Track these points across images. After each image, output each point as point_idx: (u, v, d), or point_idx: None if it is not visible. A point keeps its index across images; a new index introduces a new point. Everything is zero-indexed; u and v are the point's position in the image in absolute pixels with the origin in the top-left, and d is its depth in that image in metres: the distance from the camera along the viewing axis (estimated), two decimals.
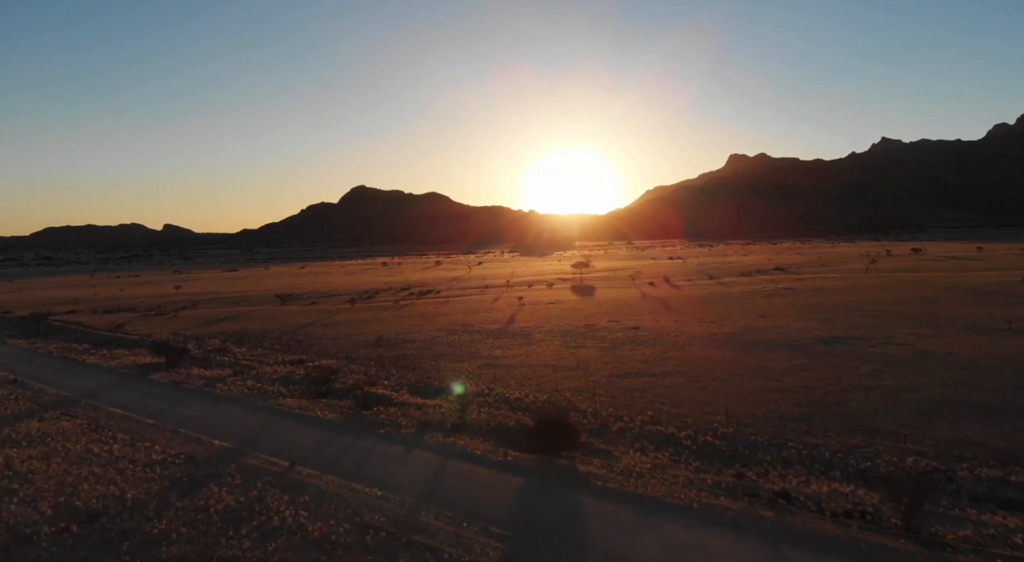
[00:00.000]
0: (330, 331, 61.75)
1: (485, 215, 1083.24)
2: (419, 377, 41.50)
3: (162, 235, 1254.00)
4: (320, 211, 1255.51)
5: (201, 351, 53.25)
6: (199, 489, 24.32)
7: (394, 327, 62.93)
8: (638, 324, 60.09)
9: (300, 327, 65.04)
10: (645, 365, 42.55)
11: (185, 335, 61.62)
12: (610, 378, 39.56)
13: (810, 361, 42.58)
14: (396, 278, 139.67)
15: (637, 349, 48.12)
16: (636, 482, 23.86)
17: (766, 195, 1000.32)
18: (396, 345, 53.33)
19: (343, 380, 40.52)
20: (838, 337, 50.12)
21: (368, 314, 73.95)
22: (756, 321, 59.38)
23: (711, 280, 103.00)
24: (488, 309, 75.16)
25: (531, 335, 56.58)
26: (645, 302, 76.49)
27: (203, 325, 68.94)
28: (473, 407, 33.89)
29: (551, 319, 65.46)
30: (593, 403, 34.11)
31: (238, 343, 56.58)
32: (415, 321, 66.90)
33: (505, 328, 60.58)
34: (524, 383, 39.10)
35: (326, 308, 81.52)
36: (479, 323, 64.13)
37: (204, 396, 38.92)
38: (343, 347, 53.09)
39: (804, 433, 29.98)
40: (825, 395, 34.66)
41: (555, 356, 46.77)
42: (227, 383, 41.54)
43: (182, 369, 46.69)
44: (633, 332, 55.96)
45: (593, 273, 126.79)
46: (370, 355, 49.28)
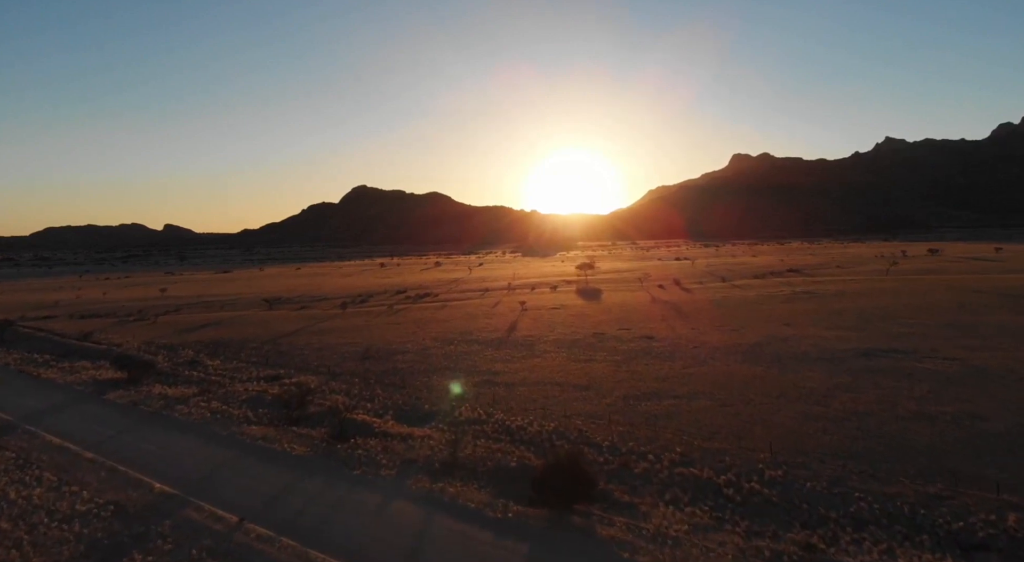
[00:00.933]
0: (315, 340, 56.80)
1: (487, 215, 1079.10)
2: (407, 398, 36.50)
3: (163, 235, 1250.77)
4: (321, 211, 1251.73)
5: (170, 364, 48.31)
6: (117, 559, 19.41)
7: (385, 336, 57.97)
8: (651, 333, 55.05)
9: (284, 335, 60.13)
10: (665, 384, 37.53)
11: (158, 345, 56.73)
12: (626, 400, 34.54)
13: (853, 379, 37.55)
14: (393, 280, 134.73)
15: (653, 363, 43.12)
16: (673, 554, 18.62)
17: (769, 195, 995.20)
18: (386, 357, 48.36)
19: (321, 401, 35.52)
20: (877, 349, 45.06)
21: (359, 320, 69.01)
22: (781, 329, 54.32)
23: (723, 283, 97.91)
24: (488, 315, 70.19)
25: (534, 346, 51.57)
26: (656, 307, 71.45)
27: (181, 332, 64.04)
28: (468, 438, 28.90)
29: (556, 327, 60.46)
30: (609, 434, 29.08)
31: (212, 354, 51.62)
32: (409, 329, 61.93)
33: (506, 337, 55.60)
34: (528, 406, 34.11)
35: (315, 313, 76.59)
36: (478, 331, 59.16)
37: (160, 421, 33.94)
38: (327, 359, 48.15)
39: (869, 477, 24.87)
40: (881, 424, 29.63)
41: (562, 371, 41.81)
42: (190, 405, 36.55)
43: (144, 386, 41.73)
44: (646, 342, 50.95)
45: (598, 275, 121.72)
46: (355, 369, 44.32)
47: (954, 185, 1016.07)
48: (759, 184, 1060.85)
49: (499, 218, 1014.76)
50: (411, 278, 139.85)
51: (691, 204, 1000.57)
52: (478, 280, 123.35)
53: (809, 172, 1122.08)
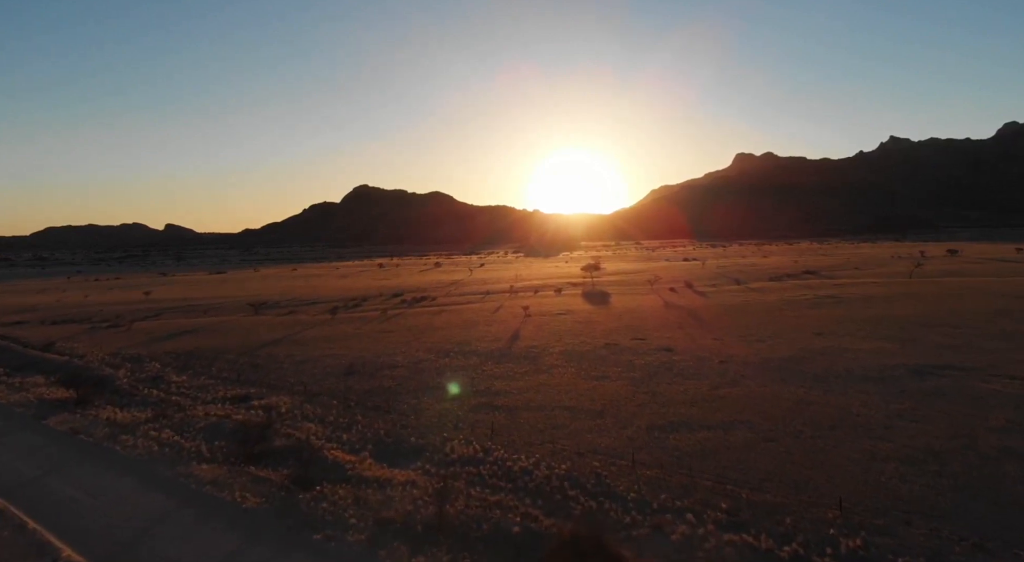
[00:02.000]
0: (297, 351, 51.61)
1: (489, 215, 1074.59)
2: (391, 426, 31.23)
3: (163, 235, 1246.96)
4: (323, 211, 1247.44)
5: (130, 381, 43.14)
6: None
7: (375, 346, 52.75)
8: (669, 344, 49.76)
9: (264, 345, 54.95)
10: (694, 410, 32.23)
11: (124, 356, 51.57)
12: (650, 432, 29.25)
13: (913, 404, 32.28)
14: (390, 282, 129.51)
15: (677, 382, 37.84)
16: None
17: (773, 194, 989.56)
18: (372, 373, 43.13)
19: (290, 430, 30.41)
20: (930, 366, 39.73)
21: (348, 327, 63.82)
22: (813, 340, 49.01)
23: (739, 285, 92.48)
24: (488, 321, 64.97)
25: (539, 358, 46.33)
26: (671, 313, 66.15)
27: (153, 342, 58.90)
28: (460, 484, 23.69)
29: (563, 336, 55.21)
30: (635, 481, 23.80)
31: (181, 369, 46.45)
32: (401, 338, 56.70)
33: (508, 348, 50.38)
34: (533, 439, 28.78)
35: (303, 319, 71.41)
36: (477, 341, 53.94)
37: (98, 456, 28.77)
38: (307, 375, 42.94)
39: (975, 549, 19.55)
40: (968, 469, 24.25)
41: (572, 391, 36.55)
42: (138, 434, 31.33)
43: (93, 408, 36.53)
44: (666, 355, 45.67)
45: (605, 277, 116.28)
46: (336, 388, 39.13)
47: (959, 185, 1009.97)
48: (762, 184, 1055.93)
49: (501, 218, 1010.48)
50: (409, 280, 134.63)
51: (694, 204, 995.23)
52: (479, 282, 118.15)
53: (813, 172, 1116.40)
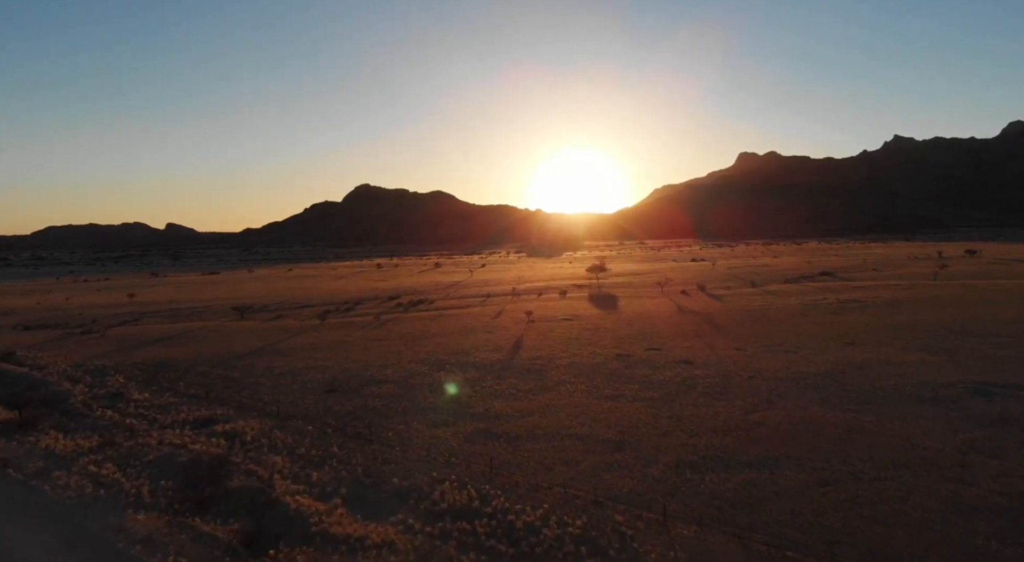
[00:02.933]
0: (278, 363, 46.99)
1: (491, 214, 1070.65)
2: (372, 461, 26.50)
3: (164, 235, 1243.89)
4: (324, 210, 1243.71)
5: (87, 398, 38.56)
6: None
7: (364, 356, 48.10)
8: (688, 355, 45.05)
9: (243, 355, 50.35)
10: (729, 439, 27.43)
11: (88, 368, 46.98)
12: (680, 470, 24.43)
13: (985, 433, 27.49)
14: (387, 284, 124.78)
15: (704, 403, 33.09)
16: None
17: (776, 194, 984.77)
18: (357, 389, 38.53)
19: (252, 466, 25.77)
20: (989, 383, 34.99)
21: (337, 334, 59.18)
22: (847, 351, 44.27)
23: (754, 288, 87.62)
24: (489, 328, 60.31)
25: (545, 372, 41.70)
26: (685, 319, 61.42)
27: (124, 350, 54.32)
28: (450, 548, 19.12)
29: (569, 345, 50.53)
30: (671, 545, 19.00)
31: (146, 383, 41.86)
32: (393, 347, 52.05)
33: (510, 359, 45.74)
34: (540, 478, 23.94)
35: (289, 325, 66.80)
36: (476, 350, 49.29)
37: (20, 500, 24.12)
38: (284, 392, 38.34)
39: None
40: None
41: (583, 416, 31.77)
42: (74, 469, 26.67)
43: (36, 433, 31.90)
44: (686, 369, 40.98)
45: (611, 278, 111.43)
46: (314, 409, 34.53)
47: (964, 184, 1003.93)
48: (766, 183, 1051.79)
49: (503, 217, 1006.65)
50: (407, 281, 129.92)
51: (697, 203, 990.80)
52: (479, 284, 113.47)
53: (816, 171, 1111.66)
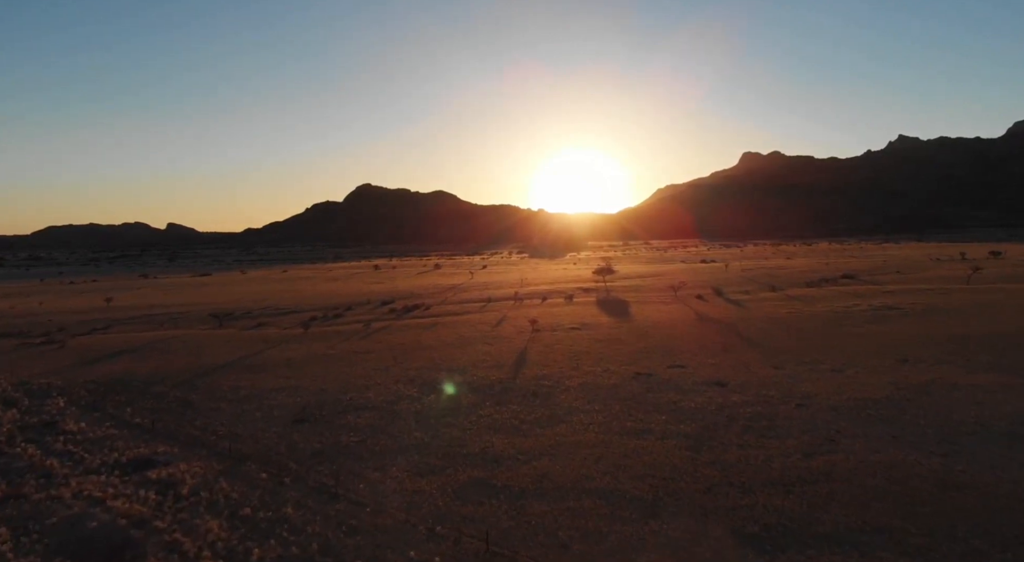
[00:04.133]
0: (247, 382, 41.12)
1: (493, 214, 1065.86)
2: (333, 530, 19.82)
3: (165, 234, 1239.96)
4: (325, 210, 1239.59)
5: (13, 428, 32.64)
6: None
7: (345, 374, 42.13)
8: (719, 374, 38.98)
9: (209, 371, 44.51)
10: (792, 500, 20.53)
11: (30, 388, 40.99)
12: (738, 551, 17.80)
13: None
14: (383, 286, 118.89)
15: (751, 442, 26.38)
16: None
17: (781, 194, 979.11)
18: (330, 419, 32.49)
19: (174, 536, 19.74)
20: None
21: (320, 346, 53.24)
22: (902, 371, 38.11)
23: (774, 292, 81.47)
24: (488, 338, 54.37)
25: (553, 395, 35.67)
26: (707, 329, 55.37)
27: (81, 365, 48.43)
28: None
29: (580, 359, 44.56)
30: None
31: (89, 408, 35.90)
32: (380, 361, 46.10)
33: (512, 378, 39.77)
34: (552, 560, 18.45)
35: (270, 334, 60.92)
36: (473, 367, 43.35)
37: None
38: (244, 422, 32.31)
39: None
40: None
41: (604, 458, 25.17)
42: None
43: None
44: (720, 393, 34.82)
45: (619, 281, 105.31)
46: (275, 447, 28.51)
47: (970, 184, 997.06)
48: (769, 183, 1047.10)
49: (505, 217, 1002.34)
50: (404, 283, 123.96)
51: (701, 203, 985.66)
52: (480, 287, 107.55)
53: (820, 171, 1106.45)
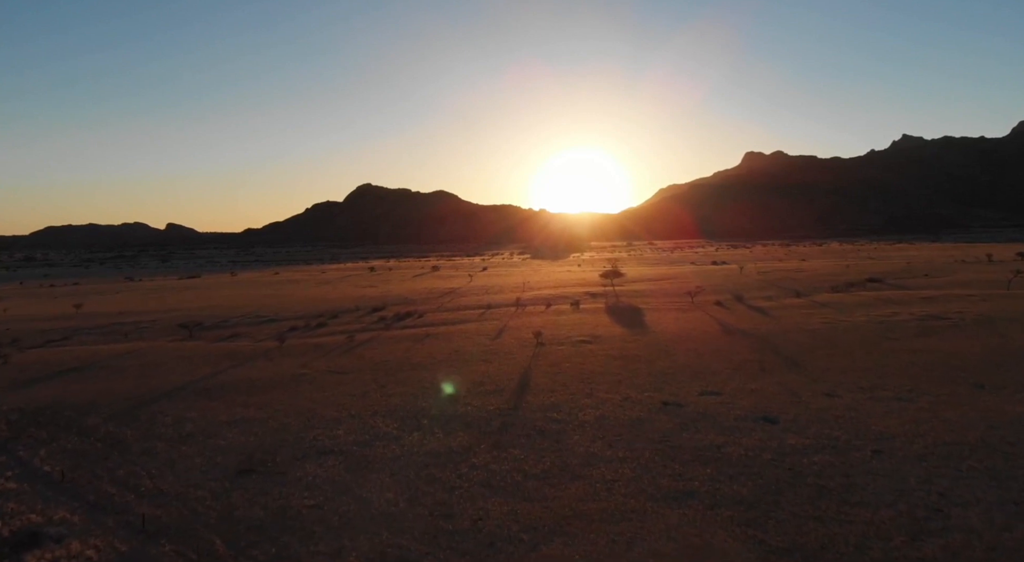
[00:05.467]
0: (196, 411, 34.56)
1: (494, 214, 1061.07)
2: None
3: (165, 234, 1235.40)
4: (325, 210, 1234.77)
5: None
6: None
7: (315, 403, 35.41)
8: (766, 406, 31.93)
9: (158, 397, 38.01)
10: None
11: None
12: None
13: None
14: (376, 290, 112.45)
15: (830, 513, 19.25)
16: None
17: (784, 193, 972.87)
18: (285, 468, 25.60)
19: None
20: None
21: (292, 363, 46.64)
22: (983, 400, 31.24)
23: (800, 299, 74.76)
24: (487, 354, 47.76)
25: (565, 435, 28.15)
26: (737, 343, 48.67)
27: (16, 387, 41.68)
28: None
29: (594, 383, 37.93)
30: None
31: None
32: (359, 385, 39.44)
33: (513, 409, 33.10)
34: None
35: (240, 348, 54.36)
36: (468, 392, 36.67)
37: None
38: (176, 472, 25.52)
39: None
40: None
41: (637, 542, 18.16)
42: None
43: None
44: (772, 433, 27.23)
45: (628, 284, 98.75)
46: (205, 514, 21.79)
47: (976, 183, 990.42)
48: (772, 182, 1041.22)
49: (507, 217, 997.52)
50: (398, 287, 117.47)
51: (703, 203, 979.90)
52: (479, 291, 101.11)
53: (824, 170, 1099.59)
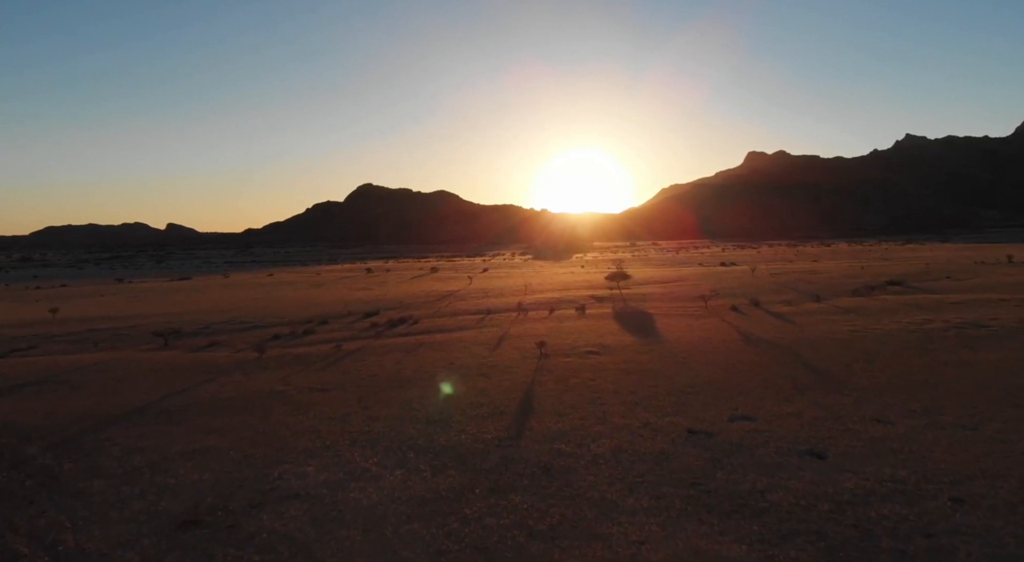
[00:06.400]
0: (150, 439, 29.92)
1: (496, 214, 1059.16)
2: None
3: (165, 234, 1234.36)
4: (326, 210, 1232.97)
5: None
6: None
7: (285, 429, 30.37)
8: (807, 434, 25.71)
9: (112, 419, 33.50)
10: None
11: None
12: None
13: None
14: (370, 293, 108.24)
15: None
16: None
17: (787, 193, 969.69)
18: (236, 521, 19.89)
19: None
20: None
21: (269, 379, 42.06)
22: None
23: (820, 303, 70.27)
24: (485, 367, 43.08)
25: (575, 474, 21.97)
26: (761, 355, 43.95)
27: None
28: None
29: (606, 404, 32.38)
30: None
31: None
32: (340, 406, 34.67)
33: (515, 438, 27.03)
34: None
35: (215, 359, 49.95)
36: (462, 416, 31.68)
37: None
38: (107, 523, 20.05)
39: None
40: None
41: None
42: None
43: None
44: (821, 471, 22.46)
45: (636, 287, 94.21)
46: None
47: (979, 183, 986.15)
48: (775, 182, 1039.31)
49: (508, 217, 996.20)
50: (395, 290, 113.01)
51: (705, 203, 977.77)
52: (479, 294, 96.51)
53: (827, 170, 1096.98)
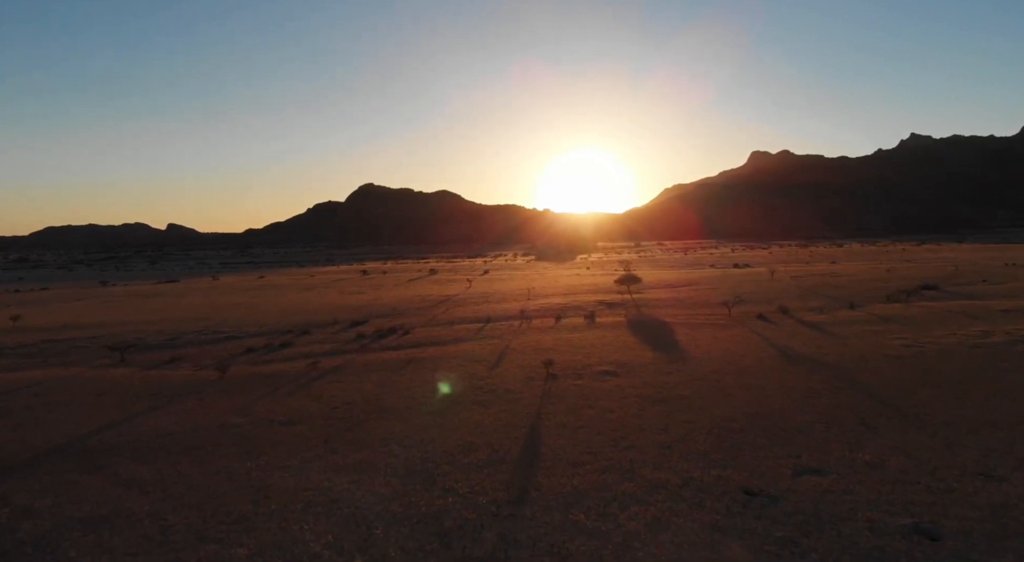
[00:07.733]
0: (50, 496, 23.86)
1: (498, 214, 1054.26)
2: None
3: (165, 235, 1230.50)
4: (327, 210, 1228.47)
5: None
6: None
7: (229, 481, 24.06)
8: (901, 497, 19.65)
9: (21, 464, 27.31)
10: None
11: None
12: None
13: None
14: (363, 298, 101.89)
15: None
16: None
17: (790, 193, 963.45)
18: None
19: None
20: None
21: (226, 406, 35.89)
22: None
23: (855, 311, 63.94)
24: (482, 392, 36.74)
25: None
26: (807, 377, 37.58)
27: None
28: None
29: (631, 447, 25.60)
30: None
31: None
32: (302, 445, 28.21)
33: (517, 502, 19.27)
34: None
35: (173, 379, 43.81)
36: (453, 463, 24.12)
37: None
38: None
39: None
40: None
41: None
42: None
43: None
44: (932, 559, 17.78)
45: (648, 291, 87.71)
46: None
47: (985, 183, 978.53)
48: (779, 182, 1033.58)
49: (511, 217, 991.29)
50: (388, 294, 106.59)
51: (709, 203, 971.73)
52: (478, 298, 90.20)
53: (831, 170, 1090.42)
